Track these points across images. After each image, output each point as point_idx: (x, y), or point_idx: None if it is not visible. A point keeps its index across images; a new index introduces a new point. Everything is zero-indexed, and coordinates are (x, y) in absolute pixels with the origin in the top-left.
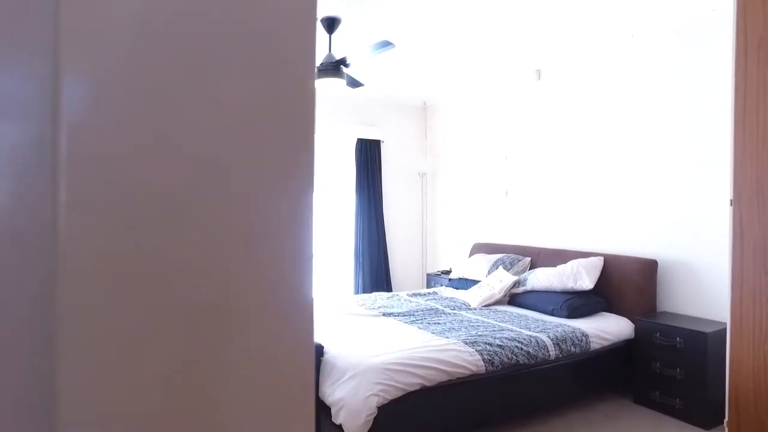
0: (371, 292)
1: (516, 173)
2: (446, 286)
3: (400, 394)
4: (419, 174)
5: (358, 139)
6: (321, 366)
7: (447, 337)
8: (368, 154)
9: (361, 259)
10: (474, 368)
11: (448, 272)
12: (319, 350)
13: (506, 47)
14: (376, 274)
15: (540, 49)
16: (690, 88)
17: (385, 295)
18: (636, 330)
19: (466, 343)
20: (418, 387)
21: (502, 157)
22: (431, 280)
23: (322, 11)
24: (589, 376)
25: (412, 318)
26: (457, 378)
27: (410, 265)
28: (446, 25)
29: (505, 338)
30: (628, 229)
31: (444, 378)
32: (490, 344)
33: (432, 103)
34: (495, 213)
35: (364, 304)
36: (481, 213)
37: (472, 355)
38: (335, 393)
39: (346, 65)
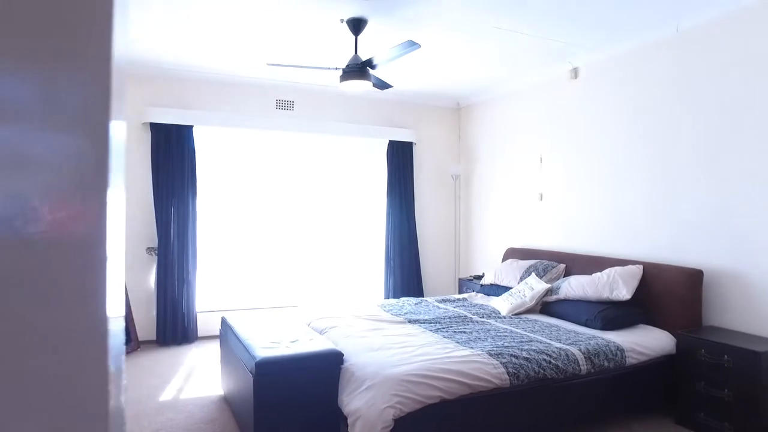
0: (402, 296)
1: (551, 176)
2: (477, 292)
3: (418, 406)
4: (452, 176)
5: (389, 141)
6: (340, 374)
7: (471, 348)
8: (400, 157)
9: (392, 263)
10: (498, 382)
11: (480, 277)
12: (339, 358)
13: (541, 44)
14: (407, 278)
15: (576, 45)
16: (739, 85)
17: (413, 300)
18: (678, 345)
19: (490, 355)
20: (437, 400)
21: (537, 159)
22: (463, 285)
23: (348, 12)
24: (624, 393)
25: (438, 326)
26: (480, 391)
27: (442, 269)
28: (478, 23)
29: (533, 350)
30: (670, 235)
31: (465, 391)
32: (516, 356)
33: (466, 103)
34: (529, 217)
35: (391, 310)
36: (515, 217)
37: (496, 368)
38: (352, 403)
39: (373, 67)
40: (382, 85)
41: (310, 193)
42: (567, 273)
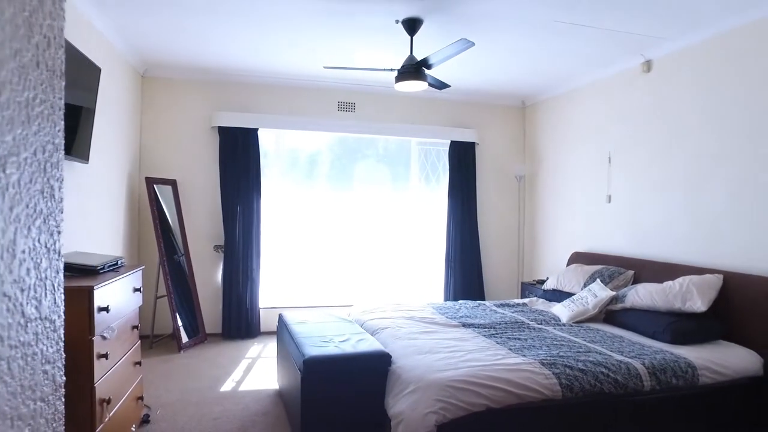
0: (463, 299)
1: (620, 176)
2: (539, 297)
3: (462, 414)
4: (516, 177)
5: (451, 141)
6: (387, 376)
7: (524, 356)
8: (462, 157)
9: (452, 264)
10: (548, 393)
11: (544, 282)
12: (387, 360)
13: (610, 37)
14: (468, 281)
15: (650, 36)
16: None
17: (470, 304)
18: (766, 366)
19: (543, 364)
20: (483, 408)
21: (605, 159)
22: (526, 289)
23: (403, 13)
24: (696, 416)
25: (492, 331)
26: (529, 402)
27: (505, 273)
28: (537, 18)
29: (590, 362)
30: (757, 241)
31: (513, 401)
32: (571, 367)
33: (531, 102)
34: (596, 220)
35: (446, 313)
36: (581, 219)
37: (547, 378)
38: (396, 406)
39: (428, 66)
40: (439, 85)
41: (371, 194)
42: (635, 280)
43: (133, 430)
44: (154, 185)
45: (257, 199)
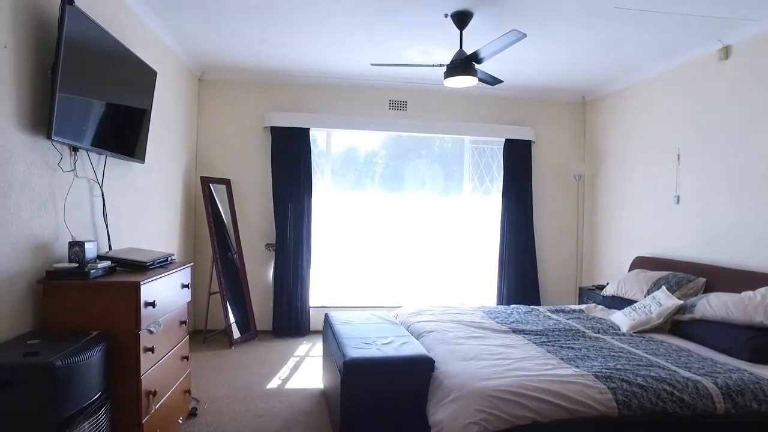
0: (516, 303)
1: (690, 175)
2: (598, 303)
3: (505, 426)
4: (575, 177)
5: (506, 140)
6: (430, 382)
7: (576, 366)
8: (517, 156)
9: (505, 267)
10: (602, 409)
11: (603, 288)
12: (430, 365)
13: (681, 22)
14: (522, 284)
15: (728, 18)
16: None
17: (523, 309)
18: None
19: (597, 377)
20: (528, 421)
21: (674, 157)
22: (584, 295)
23: (452, 6)
24: None
25: (544, 338)
26: (580, 418)
27: (562, 276)
28: (597, 5)
29: (652, 377)
30: None
31: (562, 415)
32: (629, 382)
33: (592, 97)
34: (662, 222)
35: (497, 317)
36: (646, 222)
37: (602, 393)
38: (437, 414)
39: (479, 61)
40: (491, 80)
41: (424, 193)
42: (707, 289)
43: (180, 422)
44: (210, 184)
45: (308, 198)
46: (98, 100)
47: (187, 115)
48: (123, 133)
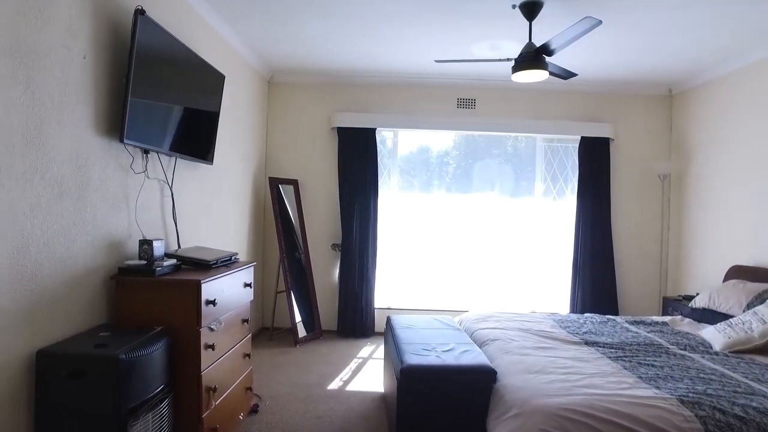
0: (591, 311)
1: None
2: (686, 316)
3: None
4: (660, 176)
5: (582, 137)
6: (491, 394)
7: (657, 387)
8: (594, 155)
9: (580, 273)
10: None
11: (692, 299)
12: (491, 376)
13: None
14: (598, 292)
15: None
16: None
17: (598, 318)
18: None
19: (682, 402)
20: None
21: None
22: (669, 305)
23: None
24: None
25: (621, 353)
26: None
27: (643, 285)
28: None
29: (753, 408)
30: None
31: None
32: (723, 411)
33: (682, 88)
34: (766, 227)
35: (568, 327)
36: (745, 226)
37: (687, 421)
38: (496, 430)
39: (549, 53)
40: (564, 73)
41: (493, 194)
42: None
43: (241, 418)
44: (278, 185)
45: (374, 198)
46: (168, 104)
47: (256, 118)
48: (192, 136)
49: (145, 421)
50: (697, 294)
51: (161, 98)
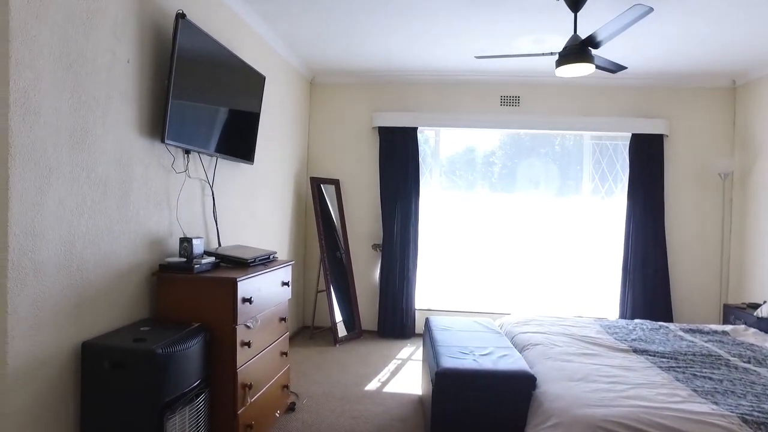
0: (642, 318)
1: None
2: (749, 326)
3: None
4: (720, 175)
5: (633, 134)
6: (531, 401)
7: (715, 402)
8: (646, 152)
9: (630, 276)
10: None
11: (757, 306)
12: (530, 383)
13: None
14: (650, 297)
15: None
16: None
17: (648, 325)
18: None
19: (745, 421)
20: None
21: None
22: (730, 314)
23: None
24: None
25: (673, 363)
26: None
27: (701, 291)
28: None
29: None
30: None
31: None
32: None
33: (747, 79)
34: None
35: (616, 333)
36: None
37: None
38: None
39: (596, 45)
40: (612, 66)
41: (538, 194)
42: None
43: (277, 415)
44: (321, 185)
45: (415, 198)
46: (209, 106)
47: (298, 118)
48: (233, 136)
49: (182, 414)
50: (765, 302)
51: (202, 100)
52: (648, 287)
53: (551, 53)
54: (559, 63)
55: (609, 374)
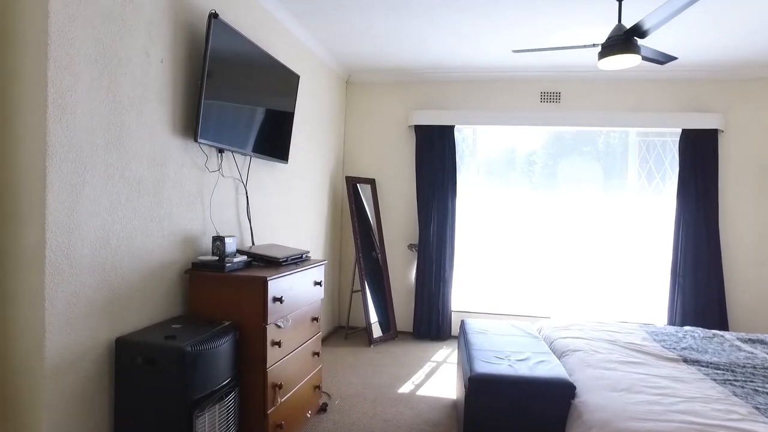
0: (693, 325)
1: None
2: None
3: None
4: None
5: (683, 130)
6: (569, 411)
7: None
8: (698, 149)
9: (680, 280)
10: None
11: None
12: (569, 391)
13: None
14: (702, 302)
15: None
16: None
17: (701, 333)
18: None
19: None
20: None
21: None
22: None
23: None
24: None
25: (730, 375)
26: None
27: (763, 297)
28: None
29: None
30: None
31: None
32: None
33: None
34: None
35: (664, 341)
36: None
37: None
38: None
39: (642, 34)
40: (661, 57)
41: (579, 194)
42: None
43: (309, 416)
44: (357, 184)
45: (452, 198)
46: (242, 105)
47: (334, 117)
48: (267, 136)
49: (212, 412)
50: None
51: (235, 99)
52: (700, 292)
53: (593, 45)
54: (603, 55)
55: (656, 385)
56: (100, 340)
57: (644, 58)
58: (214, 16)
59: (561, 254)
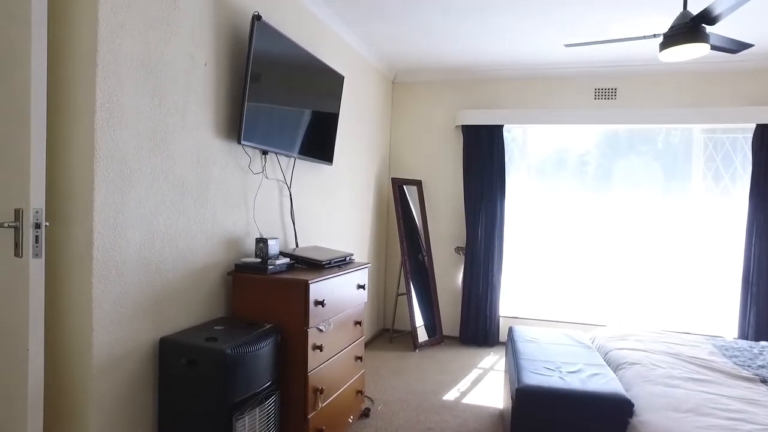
0: (766, 339)
1: None
2: None
3: None
4: None
5: (757, 125)
6: (626, 430)
7: None
8: None
9: (753, 289)
10: None
11: None
12: (626, 409)
13: None
14: None
15: None
16: None
17: None
18: None
19: None
20: None
21: None
22: None
23: None
24: None
25: None
26: None
27: None
28: None
29: None
30: None
31: None
32: None
33: None
34: None
35: (735, 357)
36: None
37: None
38: None
39: (710, 21)
40: (733, 46)
41: (638, 195)
42: None
43: (350, 421)
44: (403, 185)
45: (501, 199)
46: (286, 107)
47: (380, 118)
48: (311, 137)
49: (252, 415)
50: None
51: (279, 101)
52: None
53: (654, 35)
54: (665, 45)
55: (728, 408)
56: (144, 340)
57: (713, 47)
58: (257, 18)
59: (617, 259)
